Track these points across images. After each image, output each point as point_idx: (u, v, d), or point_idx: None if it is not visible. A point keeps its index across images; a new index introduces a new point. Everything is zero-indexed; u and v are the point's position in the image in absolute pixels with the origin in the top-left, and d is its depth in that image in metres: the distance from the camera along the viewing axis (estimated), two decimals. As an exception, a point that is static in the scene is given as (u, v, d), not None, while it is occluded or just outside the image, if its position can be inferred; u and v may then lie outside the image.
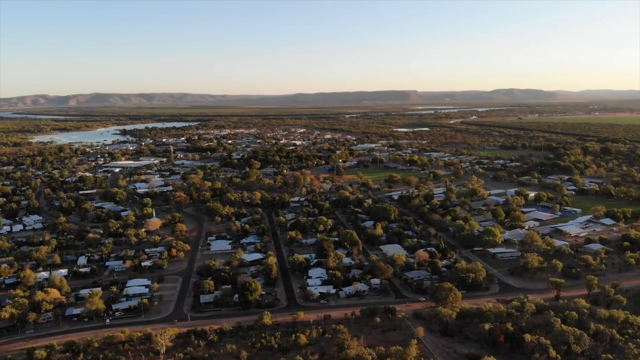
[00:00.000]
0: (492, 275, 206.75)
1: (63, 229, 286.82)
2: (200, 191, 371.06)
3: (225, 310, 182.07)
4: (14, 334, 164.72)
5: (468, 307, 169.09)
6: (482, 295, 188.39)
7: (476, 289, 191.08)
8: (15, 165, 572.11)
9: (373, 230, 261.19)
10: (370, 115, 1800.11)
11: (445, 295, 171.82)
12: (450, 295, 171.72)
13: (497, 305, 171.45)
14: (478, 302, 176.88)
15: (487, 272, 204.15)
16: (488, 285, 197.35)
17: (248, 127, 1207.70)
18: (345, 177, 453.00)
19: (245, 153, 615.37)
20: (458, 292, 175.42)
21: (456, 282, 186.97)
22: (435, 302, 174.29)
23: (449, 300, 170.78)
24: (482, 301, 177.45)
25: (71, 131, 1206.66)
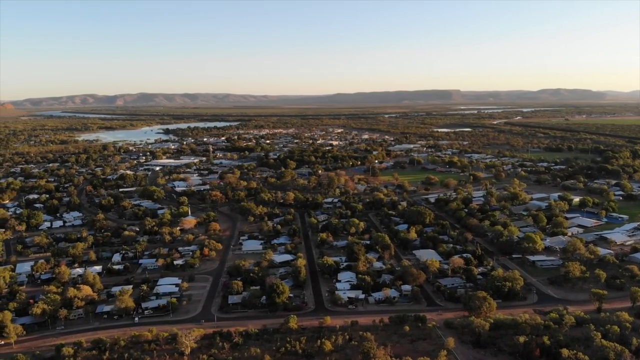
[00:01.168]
0: (530, 285, 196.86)
1: (100, 226, 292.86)
2: (235, 190, 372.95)
3: (252, 312, 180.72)
4: (45, 329, 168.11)
5: (503, 317, 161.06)
6: (518, 305, 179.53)
7: (513, 299, 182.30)
8: (60, 163, 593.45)
9: (406, 234, 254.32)
10: (410, 115, 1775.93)
11: (479, 304, 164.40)
12: (485, 304, 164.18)
13: (534, 316, 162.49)
14: (514, 312, 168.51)
15: (525, 281, 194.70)
16: (525, 294, 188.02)
17: (286, 127, 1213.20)
18: (381, 179, 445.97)
19: (281, 153, 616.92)
20: (493, 301, 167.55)
21: (491, 291, 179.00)
22: (468, 311, 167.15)
23: (483, 309, 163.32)
24: (518, 312, 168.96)
25: (117, 130, 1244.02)
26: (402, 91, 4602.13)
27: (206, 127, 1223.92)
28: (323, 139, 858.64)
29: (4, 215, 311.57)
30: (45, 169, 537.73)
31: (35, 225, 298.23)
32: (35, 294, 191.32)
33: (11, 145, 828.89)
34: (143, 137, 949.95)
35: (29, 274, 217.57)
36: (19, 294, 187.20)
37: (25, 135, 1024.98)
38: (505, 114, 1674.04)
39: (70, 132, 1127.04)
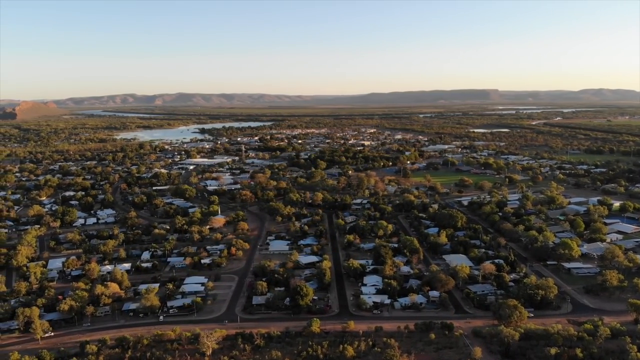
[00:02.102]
0: (564, 293, 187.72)
1: (132, 223, 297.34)
2: (265, 190, 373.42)
3: (275, 314, 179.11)
4: (72, 326, 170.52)
5: (534, 327, 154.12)
6: (551, 314, 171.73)
7: (545, 308, 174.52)
8: (98, 161, 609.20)
9: (436, 238, 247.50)
10: (445, 115, 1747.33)
11: (510, 313, 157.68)
12: (515, 313, 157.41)
13: (567, 327, 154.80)
14: (546, 322, 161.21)
15: (559, 289, 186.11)
16: (559, 303, 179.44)
17: (319, 127, 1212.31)
18: (412, 180, 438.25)
19: (312, 153, 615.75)
20: (524, 310, 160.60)
21: (523, 299, 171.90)
22: (497, 320, 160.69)
23: (513, 319, 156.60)
24: (550, 322, 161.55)
25: (154, 129, 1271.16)
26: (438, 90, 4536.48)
27: (240, 126, 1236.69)
28: (355, 139, 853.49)
29: (39, 211, 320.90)
30: (83, 166, 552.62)
31: (70, 222, 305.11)
32: (64, 290, 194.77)
33: (52, 143, 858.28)
34: (179, 136, 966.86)
35: (60, 270, 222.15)
36: (47, 290, 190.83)
37: (66, 134, 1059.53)
38: (545, 115, 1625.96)
39: (110, 131, 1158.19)
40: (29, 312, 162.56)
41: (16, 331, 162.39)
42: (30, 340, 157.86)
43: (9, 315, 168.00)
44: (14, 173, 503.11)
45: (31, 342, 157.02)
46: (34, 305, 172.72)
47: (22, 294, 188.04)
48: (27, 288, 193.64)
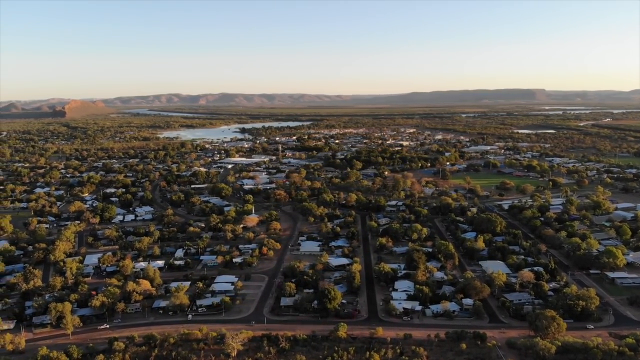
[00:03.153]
0: (607, 304, 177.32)
1: (168, 221, 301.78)
2: (299, 190, 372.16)
3: (303, 316, 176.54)
4: (103, 322, 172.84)
5: (572, 340, 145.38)
6: (591, 327, 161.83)
7: (586, 319, 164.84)
8: (140, 159, 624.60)
9: (473, 243, 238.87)
10: (489, 115, 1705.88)
11: (547, 324, 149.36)
12: (553, 324, 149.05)
13: (608, 341, 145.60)
14: (585, 335, 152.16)
15: (601, 300, 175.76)
16: (601, 315, 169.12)
17: (357, 126, 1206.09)
18: (451, 182, 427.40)
19: (348, 153, 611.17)
20: (562, 321, 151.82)
21: (562, 310, 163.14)
22: (534, 331, 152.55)
23: (551, 330, 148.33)
24: (590, 334, 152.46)
25: (196, 128, 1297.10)
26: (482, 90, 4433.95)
27: (279, 126, 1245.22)
28: (393, 139, 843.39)
29: (80, 207, 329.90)
30: (125, 164, 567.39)
31: (109, 218, 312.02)
32: (98, 286, 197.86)
33: (97, 141, 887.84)
34: (220, 136, 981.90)
35: (96, 266, 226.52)
36: (81, 285, 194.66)
37: (112, 132, 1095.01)
38: (593, 115, 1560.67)
39: (154, 130, 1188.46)
40: (61, 307, 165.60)
41: (48, 326, 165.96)
42: (61, 335, 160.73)
43: (43, 310, 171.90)
44: (59, 170, 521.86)
45: (62, 337, 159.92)
46: (66, 300, 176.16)
47: (57, 288, 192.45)
48: (62, 283, 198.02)
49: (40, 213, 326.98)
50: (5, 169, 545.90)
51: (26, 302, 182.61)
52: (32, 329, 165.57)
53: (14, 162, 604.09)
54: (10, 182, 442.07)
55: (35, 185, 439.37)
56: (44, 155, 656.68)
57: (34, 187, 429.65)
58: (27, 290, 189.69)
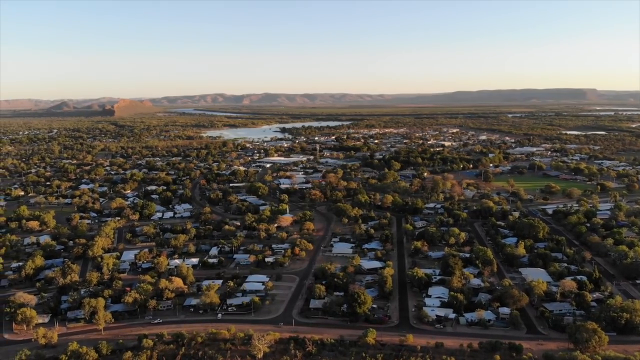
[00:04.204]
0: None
1: (205, 219, 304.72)
2: (334, 190, 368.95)
3: (332, 319, 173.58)
4: (135, 318, 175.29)
5: (614, 355, 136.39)
6: (636, 341, 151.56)
7: (630, 333, 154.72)
8: (182, 157, 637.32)
9: (513, 249, 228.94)
10: (537, 115, 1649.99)
11: (588, 337, 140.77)
12: (594, 338, 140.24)
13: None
14: (629, 350, 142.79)
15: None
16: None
17: (398, 126, 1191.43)
18: (494, 184, 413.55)
19: (387, 153, 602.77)
20: (604, 335, 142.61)
21: (605, 322, 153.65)
22: (573, 344, 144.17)
23: (592, 344, 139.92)
24: (634, 349, 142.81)
25: (239, 127, 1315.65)
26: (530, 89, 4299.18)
27: (319, 126, 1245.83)
28: (435, 140, 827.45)
29: (121, 204, 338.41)
30: (168, 162, 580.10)
31: (148, 215, 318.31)
32: (132, 283, 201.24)
33: (143, 139, 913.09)
34: (261, 135, 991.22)
35: (132, 262, 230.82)
36: (115, 281, 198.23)
37: (157, 130, 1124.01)
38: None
39: (198, 129, 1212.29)
40: (95, 302, 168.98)
41: (82, 320, 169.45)
42: (93, 331, 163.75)
43: (77, 305, 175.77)
44: (104, 167, 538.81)
45: (94, 332, 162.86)
46: (100, 296, 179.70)
47: (92, 284, 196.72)
48: (98, 279, 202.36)
49: (83, 209, 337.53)
50: (53, 165, 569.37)
51: (62, 296, 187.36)
52: (66, 323, 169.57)
53: (62, 159, 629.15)
54: (56, 179, 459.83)
55: (81, 181, 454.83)
56: (91, 153, 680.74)
57: (79, 183, 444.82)
58: (63, 285, 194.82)
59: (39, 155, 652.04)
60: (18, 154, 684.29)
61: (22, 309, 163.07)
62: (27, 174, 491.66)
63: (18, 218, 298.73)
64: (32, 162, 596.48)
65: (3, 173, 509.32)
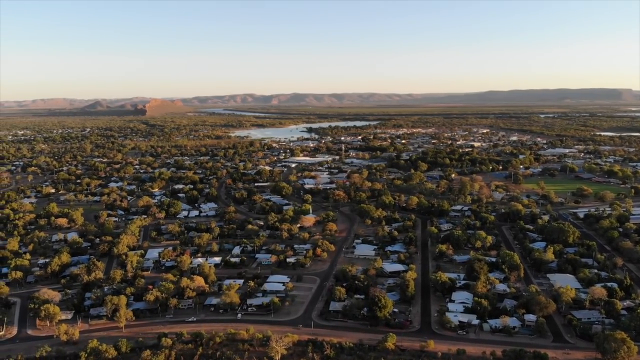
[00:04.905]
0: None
1: (229, 218, 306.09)
2: (358, 191, 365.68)
3: (351, 323, 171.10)
4: (155, 316, 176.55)
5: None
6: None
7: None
8: (210, 156, 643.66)
9: (542, 254, 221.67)
10: (570, 115, 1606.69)
11: (616, 347, 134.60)
12: (623, 348, 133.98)
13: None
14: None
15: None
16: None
17: (426, 126, 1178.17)
18: (523, 187, 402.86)
19: (414, 154, 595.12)
20: (634, 345, 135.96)
21: (635, 332, 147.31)
22: (601, 353, 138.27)
23: (620, 354, 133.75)
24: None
25: (266, 127, 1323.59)
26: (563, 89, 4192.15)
27: (346, 126, 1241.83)
28: (464, 140, 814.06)
29: (148, 202, 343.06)
30: (196, 161, 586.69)
31: (174, 213, 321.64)
32: (155, 281, 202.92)
33: (173, 138, 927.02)
34: (288, 135, 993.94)
35: (156, 260, 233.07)
36: (138, 279, 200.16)
37: (187, 130, 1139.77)
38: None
39: (226, 128, 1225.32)
40: (117, 300, 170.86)
41: (104, 318, 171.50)
42: (114, 328, 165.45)
43: (100, 302, 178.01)
44: (133, 165, 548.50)
45: (115, 329, 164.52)
46: (123, 293, 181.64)
47: (116, 281, 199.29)
48: (121, 276, 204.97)
49: (110, 207, 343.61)
50: (84, 163, 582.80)
51: (86, 293, 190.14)
52: (88, 320, 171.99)
53: (93, 157, 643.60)
54: (87, 176, 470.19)
55: (110, 179, 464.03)
56: (121, 151, 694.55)
57: (109, 181, 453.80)
58: (88, 282, 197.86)
59: (71, 154, 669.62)
60: (51, 152, 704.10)
61: (45, 305, 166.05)
62: (59, 172, 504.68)
63: (47, 215, 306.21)
64: (64, 160, 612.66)
65: (35, 171, 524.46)
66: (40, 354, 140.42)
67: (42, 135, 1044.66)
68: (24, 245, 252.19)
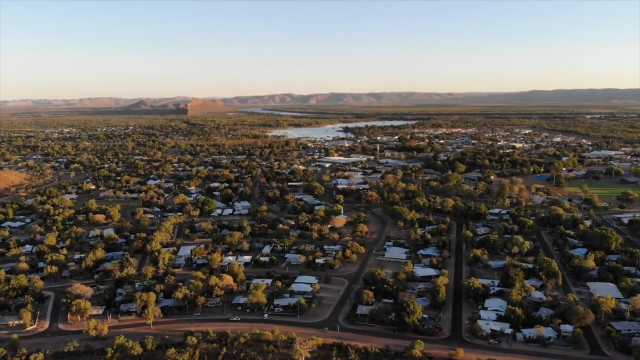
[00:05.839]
0: None
1: (261, 217, 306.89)
2: (392, 192, 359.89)
3: (379, 327, 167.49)
4: (183, 314, 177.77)
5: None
6: None
7: None
8: (247, 155, 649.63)
9: (582, 261, 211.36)
10: (618, 116, 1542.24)
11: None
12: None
13: None
14: None
15: None
16: None
17: (466, 126, 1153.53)
18: (566, 190, 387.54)
19: (452, 154, 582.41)
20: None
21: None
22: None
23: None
24: None
25: (303, 127, 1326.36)
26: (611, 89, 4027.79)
27: (383, 125, 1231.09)
28: (505, 141, 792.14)
29: (184, 200, 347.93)
30: (233, 160, 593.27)
31: (208, 211, 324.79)
32: (185, 278, 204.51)
33: (212, 137, 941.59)
34: (324, 134, 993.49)
35: (187, 258, 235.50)
36: (167, 276, 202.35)
37: (226, 129, 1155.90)
38: None
39: (264, 128, 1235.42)
40: (146, 297, 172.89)
41: (133, 314, 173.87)
42: (143, 324, 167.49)
43: (130, 298, 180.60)
44: (172, 163, 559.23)
45: (143, 326, 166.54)
46: (152, 290, 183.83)
47: (147, 278, 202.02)
48: (153, 273, 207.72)
49: (147, 204, 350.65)
50: (125, 161, 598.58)
51: (118, 289, 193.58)
52: (118, 316, 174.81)
53: (134, 155, 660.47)
54: (126, 174, 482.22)
55: (149, 177, 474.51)
56: (161, 150, 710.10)
57: (147, 179, 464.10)
58: (120, 278, 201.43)
59: (113, 151, 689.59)
60: (94, 150, 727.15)
61: (77, 300, 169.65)
62: (100, 169, 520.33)
63: (86, 211, 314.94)
64: (106, 157, 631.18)
65: (78, 167, 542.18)
66: (68, 349, 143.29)
67: (87, 133, 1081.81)
68: (62, 240, 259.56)
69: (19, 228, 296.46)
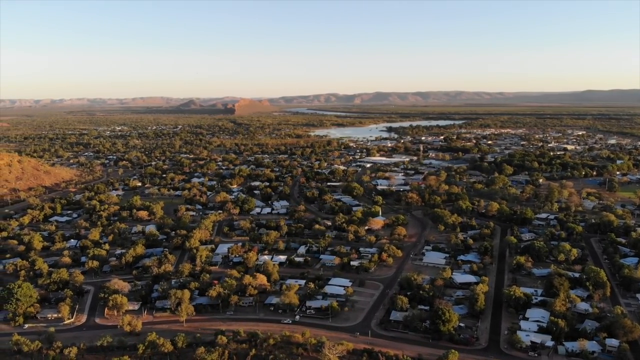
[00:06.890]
0: None
1: (298, 216, 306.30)
2: (434, 194, 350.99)
3: (412, 335, 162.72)
4: (216, 312, 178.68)
5: None
6: None
7: None
8: (289, 155, 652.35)
9: (633, 271, 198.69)
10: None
11: None
12: None
13: None
14: None
15: None
16: None
17: (516, 126, 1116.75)
18: (619, 195, 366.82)
19: (500, 156, 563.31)
20: None
21: None
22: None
23: None
24: None
25: (346, 127, 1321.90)
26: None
27: (429, 125, 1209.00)
28: (556, 142, 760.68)
29: (225, 198, 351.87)
30: (274, 159, 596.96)
31: (248, 210, 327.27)
32: (221, 276, 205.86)
33: (256, 137, 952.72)
34: (367, 134, 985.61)
35: (225, 256, 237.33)
36: (203, 274, 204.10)
37: (270, 129, 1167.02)
38: None
39: (307, 127, 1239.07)
40: (181, 294, 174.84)
41: (168, 310, 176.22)
42: (176, 321, 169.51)
43: (166, 294, 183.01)
44: (216, 162, 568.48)
45: (176, 323, 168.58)
46: (187, 287, 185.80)
47: (184, 275, 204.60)
48: (190, 270, 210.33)
49: (190, 201, 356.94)
50: (172, 159, 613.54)
51: (155, 285, 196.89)
52: (153, 312, 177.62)
53: (181, 153, 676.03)
54: (172, 172, 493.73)
55: (193, 175, 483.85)
56: (207, 148, 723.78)
57: (192, 176, 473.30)
58: (157, 274, 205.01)
59: (161, 149, 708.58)
60: (143, 148, 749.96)
61: (114, 295, 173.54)
62: (147, 167, 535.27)
63: (130, 207, 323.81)
64: (154, 155, 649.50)
65: (126, 165, 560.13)
66: (102, 344, 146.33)
67: (137, 131, 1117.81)
68: (105, 236, 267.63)
69: (65, 223, 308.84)
